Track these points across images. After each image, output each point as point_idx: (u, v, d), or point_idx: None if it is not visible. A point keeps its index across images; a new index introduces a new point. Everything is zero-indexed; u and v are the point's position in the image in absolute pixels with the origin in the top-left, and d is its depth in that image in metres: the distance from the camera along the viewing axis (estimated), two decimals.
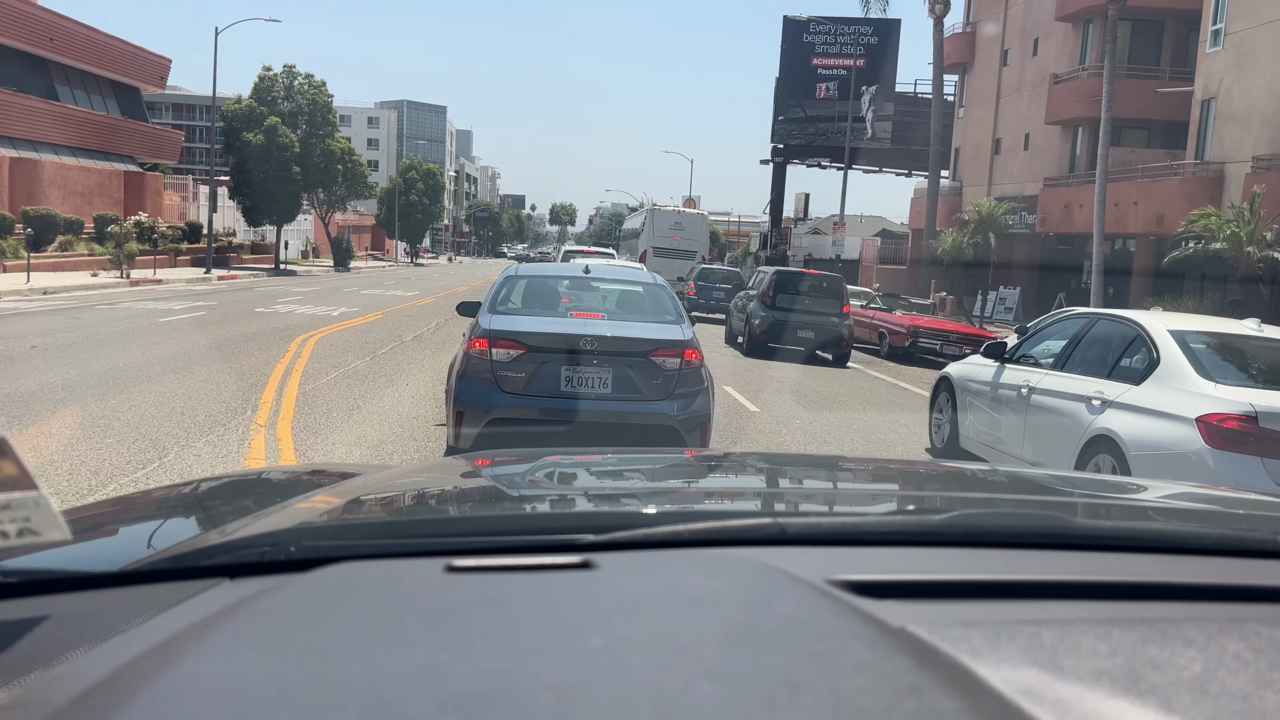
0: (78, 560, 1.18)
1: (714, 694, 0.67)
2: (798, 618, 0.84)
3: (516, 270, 8.35)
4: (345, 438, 8.19)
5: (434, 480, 1.89)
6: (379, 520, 1.46)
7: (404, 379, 11.80)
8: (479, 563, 1.00)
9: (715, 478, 2.13)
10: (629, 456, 2.44)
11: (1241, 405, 5.88)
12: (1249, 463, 5.74)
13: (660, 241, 37.02)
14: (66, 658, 0.87)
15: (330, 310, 22.32)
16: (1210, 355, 6.62)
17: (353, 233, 72.90)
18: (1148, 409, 6.39)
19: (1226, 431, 5.84)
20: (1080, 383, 7.19)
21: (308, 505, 1.50)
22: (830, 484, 2.10)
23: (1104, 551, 1.22)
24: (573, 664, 0.73)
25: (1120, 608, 0.99)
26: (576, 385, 7.04)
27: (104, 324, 16.31)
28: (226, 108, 46.61)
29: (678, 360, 7.20)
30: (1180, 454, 6.01)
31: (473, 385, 6.97)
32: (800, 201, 57.89)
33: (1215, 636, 0.85)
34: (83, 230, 35.28)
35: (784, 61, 51.24)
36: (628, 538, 1.11)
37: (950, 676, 0.73)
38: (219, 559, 1.13)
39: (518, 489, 1.76)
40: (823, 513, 1.59)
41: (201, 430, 8.02)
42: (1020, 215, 33.58)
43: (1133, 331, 7.12)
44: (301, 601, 0.90)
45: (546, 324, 7.33)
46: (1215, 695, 0.74)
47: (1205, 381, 6.26)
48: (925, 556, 1.16)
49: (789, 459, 3.68)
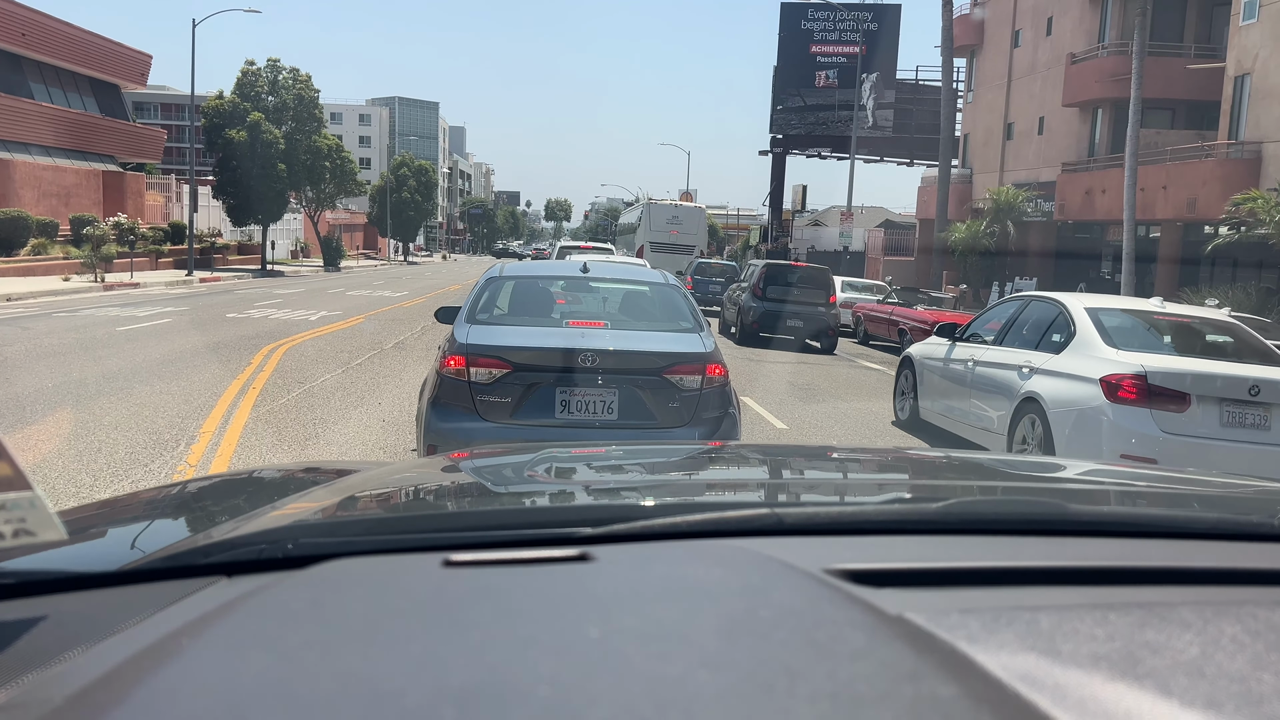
0: (75, 560, 1.19)
1: (711, 683, 0.68)
2: (795, 607, 0.84)
3: (501, 270, 6.88)
4: None
5: (431, 475, 1.85)
6: (376, 516, 1.46)
7: (376, 397, 10.32)
8: (476, 557, 0.99)
9: (712, 469, 2.10)
10: (626, 449, 2.51)
11: (1135, 367, 7.03)
12: (1140, 414, 6.90)
13: (657, 236, 36.68)
14: (64, 657, 0.89)
15: (309, 314, 20.81)
16: (1117, 328, 7.77)
17: (344, 231, 71.49)
18: (1064, 373, 7.54)
19: (1122, 389, 6.98)
20: (1014, 354, 8.39)
21: (304, 503, 1.49)
22: (826, 474, 2.11)
23: (1101, 537, 1.23)
24: (570, 655, 0.73)
25: (1117, 592, 1.00)
26: (575, 410, 5.74)
27: (53, 335, 14.81)
28: (208, 104, 45.15)
29: (698, 378, 5.88)
30: (1087, 409, 7.14)
31: (447, 413, 5.68)
32: (798, 193, 56.79)
33: (1212, 620, 0.86)
34: (58, 233, 33.86)
35: (782, 49, 49.91)
36: (625, 530, 1.12)
37: (947, 662, 0.73)
38: (216, 557, 1.13)
39: (515, 483, 1.77)
40: (819, 502, 1.55)
41: (116, 475, 6.54)
42: (1036, 202, 32.16)
43: (1057, 310, 8.28)
44: (298, 598, 0.89)
45: (536, 336, 5.98)
46: (1212, 678, 0.74)
47: (1109, 349, 7.41)
48: (923, 545, 1.17)
49: (785, 450, 3.59)
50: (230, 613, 0.86)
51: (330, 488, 1.67)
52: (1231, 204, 19.64)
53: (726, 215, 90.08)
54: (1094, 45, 31.22)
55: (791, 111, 49.77)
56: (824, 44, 49.33)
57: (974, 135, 39.54)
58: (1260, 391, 6.88)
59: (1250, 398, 6.89)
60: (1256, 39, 23.59)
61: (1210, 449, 6.78)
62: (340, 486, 1.66)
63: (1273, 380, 6.97)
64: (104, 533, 1.53)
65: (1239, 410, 6.91)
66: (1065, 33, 32.74)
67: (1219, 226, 21.77)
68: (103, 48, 44.60)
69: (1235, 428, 6.90)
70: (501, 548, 1.05)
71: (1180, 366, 7.10)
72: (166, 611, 0.95)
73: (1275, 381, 6.97)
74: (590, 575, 0.95)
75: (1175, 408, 6.89)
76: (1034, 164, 34.33)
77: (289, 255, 59.66)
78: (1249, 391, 6.89)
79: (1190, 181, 24.78)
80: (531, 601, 0.86)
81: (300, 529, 1.22)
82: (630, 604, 0.86)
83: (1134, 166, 21.92)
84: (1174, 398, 6.90)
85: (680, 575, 0.95)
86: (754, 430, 9.25)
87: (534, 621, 0.80)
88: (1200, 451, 6.75)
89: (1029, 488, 1.78)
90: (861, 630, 0.78)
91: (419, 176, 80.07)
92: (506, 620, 0.80)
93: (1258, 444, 6.87)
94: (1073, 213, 30.72)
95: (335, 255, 55.49)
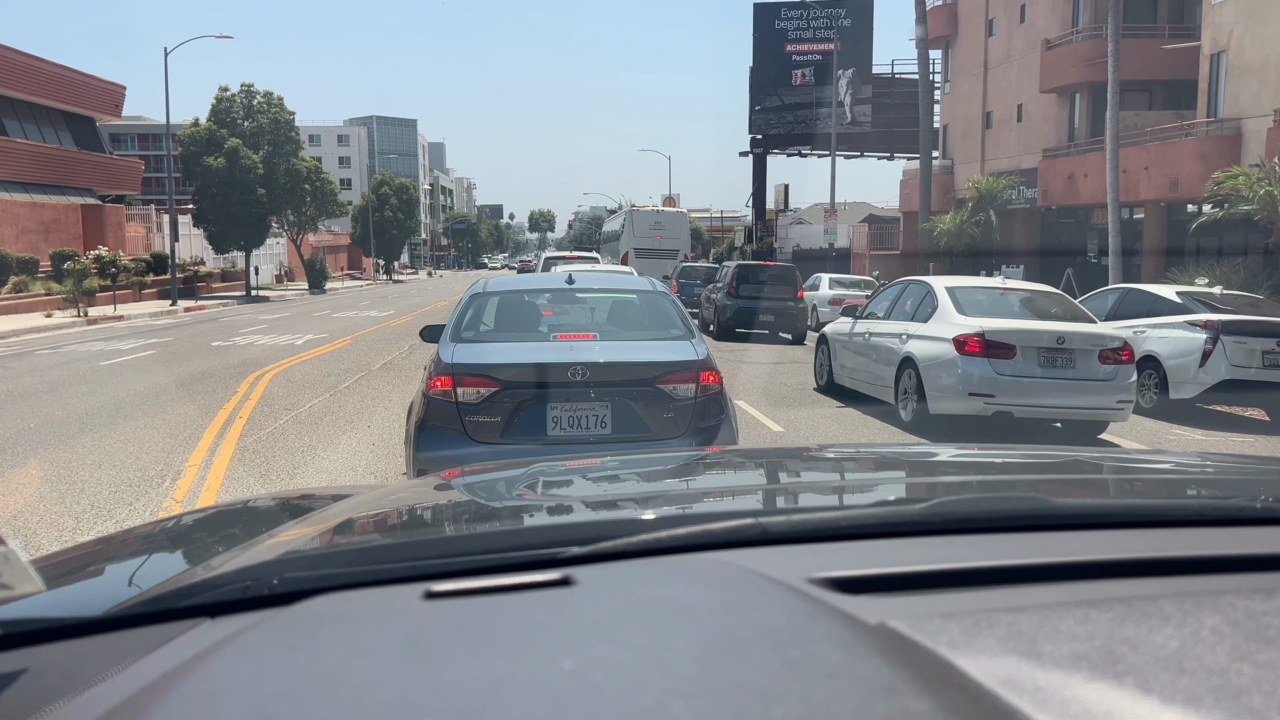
0: (56, 608, 1.16)
1: (684, 712, 0.68)
2: (773, 624, 0.84)
3: (485, 285, 6.73)
4: None
5: (421, 498, 1.83)
6: (359, 546, 1.40)
7: (365, 420, 10.15)
8: (456, 586, 0.98)
9: (697, 479, 2.11)
10: (616, 460, 2.52)
11: (975, 328, 9.40)
12: (981, 362, 9.24)
13: (641, 242, 36.71)
14: (44, 712, 0.87)
15: (295, 339, 20.60)
16: (968, 300, 10.14)
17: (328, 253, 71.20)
18: (929, 336, 9.89)
19: (967, 345, 9.33)
20: (896, 325, 10.75)
21: (292, 534, 1.47)
22: (811, 477, 2.09)
23: (1082, 530, 1.24)
24: (543, 690, 0.72)
25: (1098, 587, 1.00)
26: (567, 426, 5.62)
27: (34, 373, 14.59)
28: (184, 132, 44.88)
29: (691, 386, 5.76)
30: (945, 361, 9.47)
31: (436, 436, 5.55)
32: (780, 193, 56.83)
33: (1192, 611, 0.86)
34: (38, 269, 33.55)
35: (757, 50, 49.96)
36: (610, 548, 1.11)
37: (925, 674, 0.73)
38: (199, 598, 1.11)
39: (502, 501, 1.77)
40: (804, 509, 1.55)
41: (100, 515, 6.36)
42: (1019, 190, 32.13)
43: (926, 289, 10.68)
44: (276, 640, 0.88)
45: (524, 352, 5.84)
46: (1192, 672, 0.74)
47: (960, 316, 9.78)
48: (907, 547, 1.17)
49: (769, 453, 3.71)
50: (208, 659, 0.84)
51: (319, 515, 1.65)
52: (1214, 182, 19.56)
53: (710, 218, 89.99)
54: (1068, 30, 31.21)
55: (770, 111, 49.79)
56: (798, 42, 49.39)
57: (953, 126, 39.53)
58: (1065, 340, 9.35)
59: (1058, 346, 9.33)
60: (1230, 15, 23.60)
61: (1032, 384, 9.22)
62: (328, 514, 1.64)
63: (1075, 332, 9.44)
64: (90, 575, 1.51)
65: (1051, 355, 9.34)
66: (1039, 19, 32.75)
67: (1202, 205, 21.69)
68: (75, 81, 44.34)
69: (1049, 368, 9.31)
70: (483, 574, 1.05)
71: (1009, 326, 9.51)
72: (145, 660, 0.93)
73: (1076, 333, 9.43)
74: (569, 601, 0.94)
75: (1006, 355, 9.26)
76: (1015, 152, 34.31)
77: (273, 280, 59.32)
78: (1057, 341, 9.35)
79: (1172, 161, 24.75)
80: (508, 635, 0.85)
81: (283, 564, 1.19)
82: (607, 630, 0.85)
83: (1115, 149, 21.84)
84: (1004, 349, 9.27)
85: (659, 596, 0.94)
86: (749, 435, 9.11)
87: (509, 655, 0.79)
88: (1025, 386, 9.21)
89: (1012, 481, 1.82)
90: (838, 646, 0.78)
91: (400, 195, 79.73)
92: (482, 655, 0.79)
93: (1065, 379, 9.31)
94: (1056, 198, 30.68)
95: (320, 277, 55.19)
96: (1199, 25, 25.95)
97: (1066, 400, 9.29)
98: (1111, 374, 9.34)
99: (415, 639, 0.85)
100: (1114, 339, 9.58)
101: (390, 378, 13.77)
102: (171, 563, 1.62)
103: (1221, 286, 13.03)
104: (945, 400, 9.41)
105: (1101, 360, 9.34)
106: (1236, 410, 11.96)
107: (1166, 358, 11.29)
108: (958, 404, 9.31)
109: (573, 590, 0.97)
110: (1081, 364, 9.26)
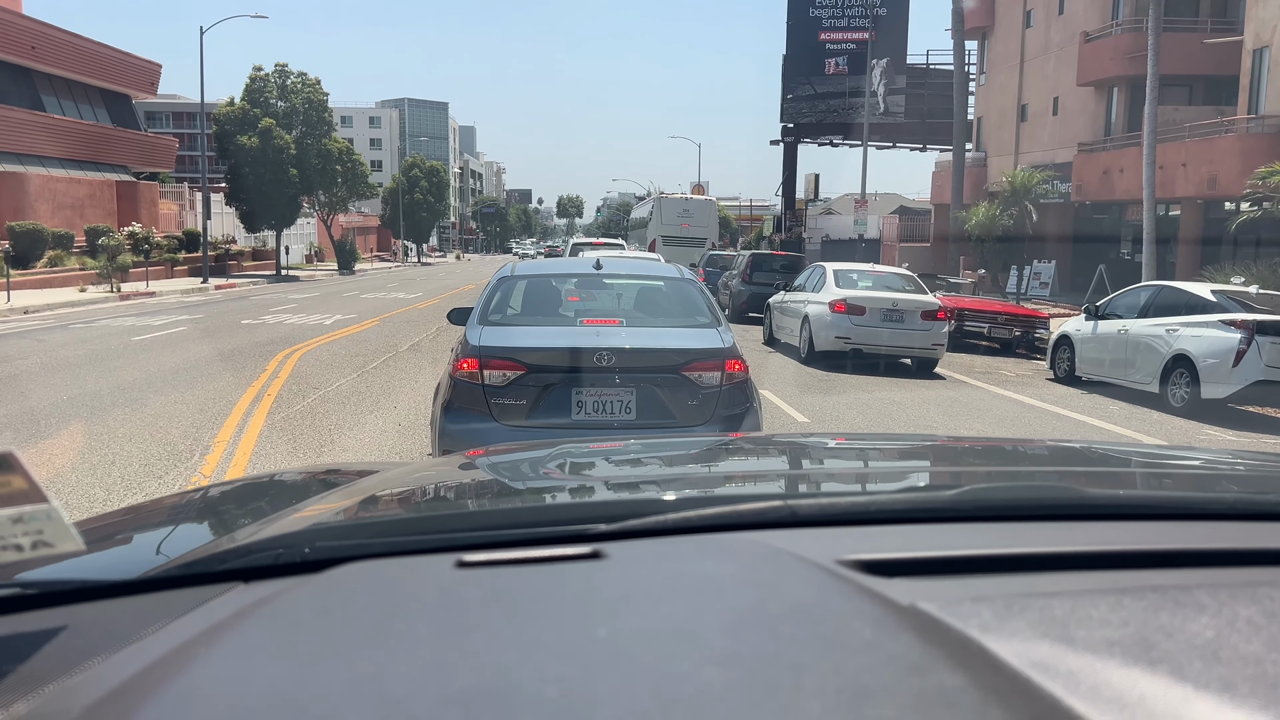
0: (94, 570, 1.19)
1: (717, 680, 0.68)
2: (804, 600, 0.84)
3: (513, 269, 6.74)
4: None
5: (449, 474, 1.84)
6: (391, 518, 1.44)
7: (392, 400, 10.22)
8: (488, 557, 0.99)
9: (725, 462, 2.08)
10: (642, 443, 2.61)
11: (836, 296, 14.58)
12: (844, 318, 14.26)
13: (669, 230, 36.57)
14: (82, 668, 0.88)
15: (324, 319, 20.77)
16: (845, 278, 15.22)
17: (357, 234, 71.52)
18: (818, 302, 14.81)
19: (836, 306, 14.38)
20: (802, 295, 15.69)
21: (322, 506, 1.48)
22: (839, 463, 2.10)
23: (1115, 520, 1.22)
24: (577, 656, 0.73)
25: (1132, 576, 1.00)
26: (592, 411, 5.61)
27: (69, 346, 14.81)
28: (218, 111, 45.19)
29: (717, 374, 5.74)
30: (824, 317, 14.44)
31: (461, 417, 5.57)
32: (810, 182, 56.32)
33: (1227, 602, 0.85)
34: (73, 244, 33.95)
35: (790, 38, 49.44)
36: (639, 526, 1.12)
37: (956, 653, 0.73)
38: (233, 563, 1.13)
39: (530, 480, 1.77)
40: (833, 493, 1.56)
41: (130, 487, 6.46)
42: (1053, 184, 31.73)
43: (823, 270, 15.80)
44: (311, 603, 0.89)
45: (550, 336, 5.85)
46: (1227, 661, 0.74)
47: (837, 288, 14.81)
48: (936, 533, 1.16)
49: (798, 439, 3.71)
50: (243, 620, 0.86)
51: (348, 489, 1.67)
52: (1254, 179, 19.24)
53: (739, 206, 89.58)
54: (1108, 23, 30.75)
55: (802, 100, 49.35)
56: (833, 31, 48.83)
57: (987, 118, 39.10)
58: (896, 304, 14.32)
59: (894, 308, 14.31)
60: (1275, 10, 23.16)
61: (874, 332, 14.20)
62: (358, 488, 1.66)
63: (904, 299, 14.42)
64: (125, 540, 1.54)
65: (890, 313, 14.32)
66: (1078, 11, 32.27)
67: (1240, 203, 21.37)
68: (112, 58, 44.76)
69: (889, 323, 14.29)
70: (514, 547, 1.05)
71: (863, 294, 14.63)
72: (182, 620, 0.95)
73: (906, 299, 14.42)
74: (601, 573, 0.95)
75: (860, 314, 14.26)
76: (1049, 145, 33.90)
77: (303, 260, 59.76)
78: (893, 304, 14.33)
79: (1210, 158, 24.37)
80: (541, 602, 0.86)
81: (316, 533, 1.21)
82: (639, 602, 0.86)
83: (1153, 144, 21.52)
84: (859, 310, 14.28)
85: (691, 571, 0.94)
86: (774, 424, 9.09)
87: (542, 622, 0.80)
88: (871, 333, 14.21)
89: (1043, 472, 1.81)
90: (870, 622, 0.78)
91: (430, 177, 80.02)
92: (515, 622, 0.80)
93: (899, 329, 14.27)
94: (1090, 193, 30.30)
95: (349, 258, 55.52)
96: (1242, 20, 25.49)
97: (897, 342, 14.29)
98: (928, 327, 14.32)
99: (448, 605, 0.86)
100: (931, 304, 14.49)
101: (418, 359, 13.86)
102: (201, 531, 1.65)
103: (1258, 286, 12.82)
104: (822, 343, 14.47)
105: (922, 318, 14.34)
106: (1270, 411, 11.80)
107: (1199, 356, 11.15)
108: (830, 345, 14.36)
109: (604, 563, 0.97)
110: (909, 321, 14.31)
